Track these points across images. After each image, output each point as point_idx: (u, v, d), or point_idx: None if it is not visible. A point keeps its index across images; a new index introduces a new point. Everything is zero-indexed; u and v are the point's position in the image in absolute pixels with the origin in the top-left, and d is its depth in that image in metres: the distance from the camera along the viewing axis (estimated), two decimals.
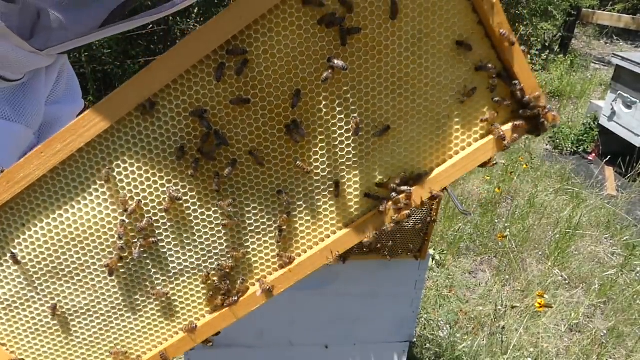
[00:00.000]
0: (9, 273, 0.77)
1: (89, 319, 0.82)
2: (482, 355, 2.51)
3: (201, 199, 0.76)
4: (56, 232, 0.75)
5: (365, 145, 0.76)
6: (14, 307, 0.79)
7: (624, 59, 4.39)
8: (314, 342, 1.47)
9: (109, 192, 0.74)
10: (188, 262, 0.81)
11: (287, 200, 0.77)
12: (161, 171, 0.74)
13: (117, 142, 0.72)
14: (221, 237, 0.80)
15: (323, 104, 0.73)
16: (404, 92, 0.74)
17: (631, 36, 9.57)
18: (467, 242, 3.42)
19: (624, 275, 3.19)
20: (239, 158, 0.75)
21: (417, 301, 1.43)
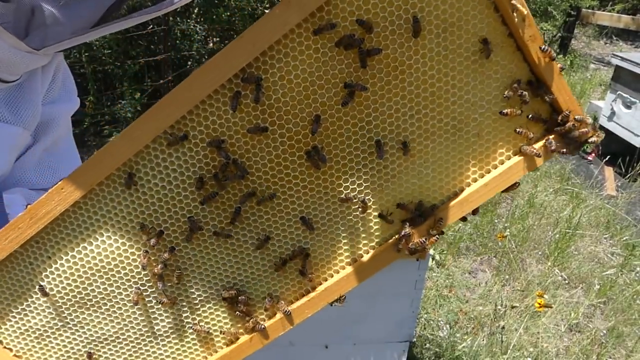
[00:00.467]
0: (39, 304, 0.78)
1: (118, 346, 0.83)
2: (482, 355, 2.51)
3: (223, 228, 0.75)
4: (81, 264, 0.76)
5: (390, 168, 0.73)
6: (45, 336, 0.81)
7: (623, 59, 4.39)
8: (314, 342, 1.47)
9: (131, 224, 0.74)
10: (213, 289, 0.80)
11: (310, 226, 0.76)
12: (181, 202, 0.73)
13: (136, 175, 0.72)
14: (245, 264, 0.79)
15: (344, 127, 0.70)
16: (430, 112, 0.71)
17: (631, 36, 9.58)
18: (467, 242, 3.42)
19: (624, 275, 3.20)
20: (260, 187, 0.73)
21: (417, 301, 1.43)
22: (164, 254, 0.75)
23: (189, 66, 4.65)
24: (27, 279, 0.77)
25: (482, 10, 0.66)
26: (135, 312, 0.81)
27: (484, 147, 0.73)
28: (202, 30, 4.56)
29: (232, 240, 0.77)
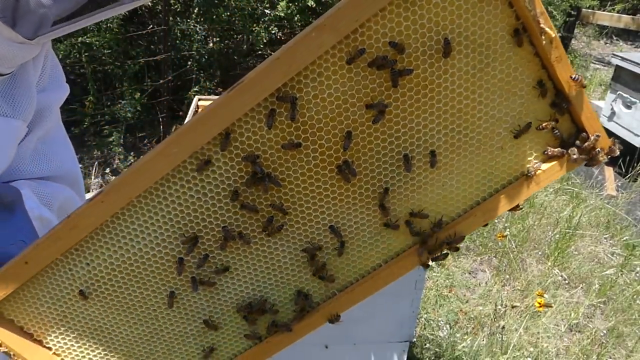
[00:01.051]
0: (77, 307, 0.83)
1: (153, 344, 0.88)
2: (482, 355, 2.51)
3: (255, 236, 0.79)
4: (119, 270, 0.80)
5: (416, 180, 0.77)
6: (83, 336, 0.85)
7: (623, 59, 4.40)
8: (314, 342, 1.47)
9: (167, 233, 0.77)
10: (244, 293, 0.85)
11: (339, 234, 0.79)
12: (216, 212, 0.76)
13: (172, 187, 0.74)
14: (275, 269, 0.83)
15: (374, 143, 0.73)
16: (457, 127, 0.74)
17: (631, 36, 9.58)
18: (467, 242, 3.42)
19: (624, 275, 3.20)
20: (292, 198, 0.77)
21: (417, 301, 1.43)
22: (198, 261, 0.79)
23: (189, 66, 4.65)
24: (67, 284, 0.81)
25: (510, 30, 0.69)
26: (169, 314, 0.85)
27: (506, 160, 0.77)
28: (202, 30, 4.56)
29: (264, 247, 0.81)
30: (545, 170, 0.78)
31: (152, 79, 4.54)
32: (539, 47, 0.70)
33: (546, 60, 0.70)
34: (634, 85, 4.34)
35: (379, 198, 0.78)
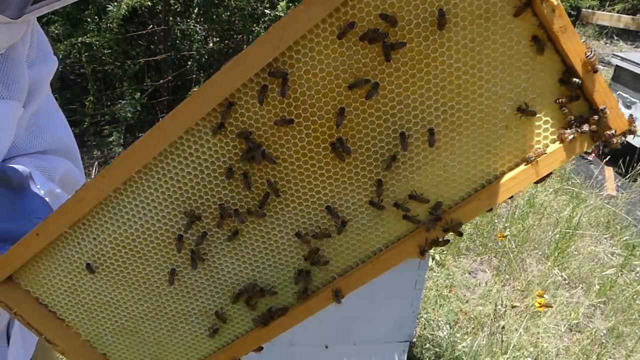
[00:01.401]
0: (86, 281, 0.85)
1: (157, 322, 0.89)
2: (482, 355, 2.51)
3: (251, 215, 0.78)
4: (122, 245, 0.81)
5: (415, 160, 0.73)
6: (93, 310, 0.88)
7: (623, 59, 4.40)
8: (314, 342, 1.47)
9: (167, 210, 0.78)
10: (243, 274, 0.84)
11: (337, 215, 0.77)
12: (212, 190, 0.76)
13: (170, 164, 0.75)
14: (273, 250, 0.82)
15: (369, 120, 0.71)
16: (457, 104, 0.70)
17: (631, 36, 9.58)
18: (467, 242, 3.42)
19: (624, 275, 3.20)
20: (286, 176, 0.75)
21: (417, 301, 1.43)
22: (197, 238, 0.80)
23: (189, 66, 4.65)
24: (76, 257, 0.83)
25: (511, 1, 0.65)
26: (171, 291, 0.86)
27: (512, 140, 0.72)
28: (202, 30, 4.56)
29: (260, 227, 0.80)
30: (551, 154, 0.72)
31: (152, 79, 4.54)
32: (542, 17, 0.65)
33: (550, 31, 0.66)
34: (634, 85, 4.34)
35: (375, 176, 0.75)
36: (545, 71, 0.69)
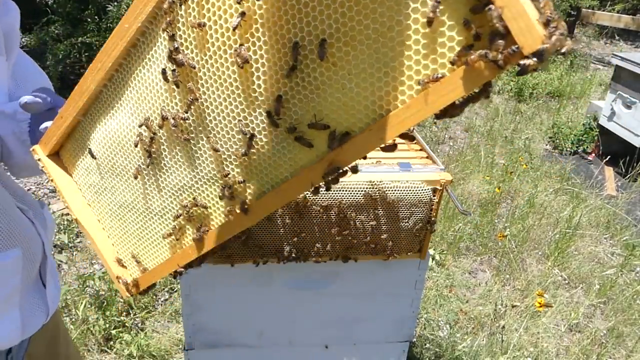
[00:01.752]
0: (92, 165, 0.95)
1: (134, 215, 0.96)
2: (482, 355, 2.51)
3: (180, 119, 0.80)
4: (110, 136, 0.89)
5: (312, 77, 0.66)
6: (98, 193, 0.98)
7: (623, 59, 4.40)
8: (314, 342, 1.47)
9: (132, 109, 0.84)
10: (184, 181, 0.86)
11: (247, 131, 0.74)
12: (157, 92, 0.81)
13: (130, 64, 0.82)
14: (198, 165, 0.83)
15: (268, 30, 0.66)
16: (349, 12, 0.61)
17: (631, 36, 9.58)
18: (467, 242, 3.42)
19: (624, 275, 3.20)
20: (205, 83, 0.75)
21: (417, 301, 1.43)
22: (148, 139, 0.85)
23: None
24: (85, 143, 0.94)
25: None
26: (139, 186, 0.92)
27: (411, 60, 0.60)
28: None
29: (191, 134, 0.81)
30: (448, 80, 0.57)
31: None
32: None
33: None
34: (634, 85, 4.34)
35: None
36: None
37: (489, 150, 4.72)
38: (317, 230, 1.18)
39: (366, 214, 1.17)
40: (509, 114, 5.71)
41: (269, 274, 1.31)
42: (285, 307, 1.38)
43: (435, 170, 1.23)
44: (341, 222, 1.17)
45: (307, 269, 1.28)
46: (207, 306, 1.34)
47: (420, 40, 0.59)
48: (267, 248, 1.20)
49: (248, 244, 1.19)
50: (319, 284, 1.35)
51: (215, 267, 1.27)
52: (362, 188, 1.14)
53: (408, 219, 1.20)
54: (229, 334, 1.40)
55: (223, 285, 1.32)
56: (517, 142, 4.96)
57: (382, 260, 1.29)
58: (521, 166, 4.42)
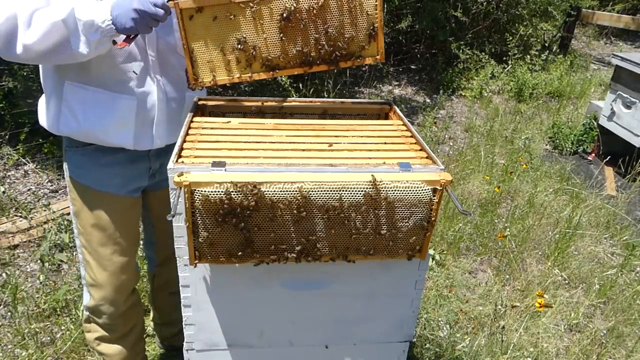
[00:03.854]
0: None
1: None
2: (482, 355, 2.51)
3: None
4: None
5: None
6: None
7: (623, 59, 4.39)
8: (314, 342, 1.47)
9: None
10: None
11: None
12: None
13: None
14: None
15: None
16: None
17: (631, 36, 9.57)
18: (467, 242, 3.42)
19: (624, 275, 3.20)
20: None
21: (417, 301, 1.43)
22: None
23: None
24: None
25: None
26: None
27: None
28: None
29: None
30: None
31: None
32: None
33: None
34: (634, 85, 4.34)
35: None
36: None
37: (489, 150, 4.72)
38: (317, 231, 1.18)
39: (366, 214, 1.17)
40: (509, 114, 5.71)
41: (269, 274, 1.31)
42: (285, 307, 1.38)
43: (435, 170, 1.23)
44: (341, 222, 1.17)
45: (307, 269, 1.28)
46: (207, 306, 1.34)
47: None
48: (267, 248, 1.20)
49: (248, 245, 1.19)
50: (319, 284, 1.35)
51: (216, 267, 1.27)
52: (362, 188, 1.14)
53: (408, 219, 1.20)
54: (229, 334, 1.40)
55: (223, 285, 1.32)
56: (517, 142, 4.96)
57: (382, 261, 1.29)
58: (521, 166, 4.42)
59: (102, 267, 1.71)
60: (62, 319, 2.52)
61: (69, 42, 1.28)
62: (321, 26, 1.47)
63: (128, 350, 1.93)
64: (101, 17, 1.27)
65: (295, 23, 1.45)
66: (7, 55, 1.30)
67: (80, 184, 1.64)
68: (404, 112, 5.32)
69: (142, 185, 1.73)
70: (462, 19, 6.14)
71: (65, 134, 1.56)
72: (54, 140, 3.93)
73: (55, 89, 1.52)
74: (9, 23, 1.24)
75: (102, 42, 1.31)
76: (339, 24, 1.48)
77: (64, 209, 3.37)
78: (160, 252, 2.03)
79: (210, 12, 1.42)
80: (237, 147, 1.30)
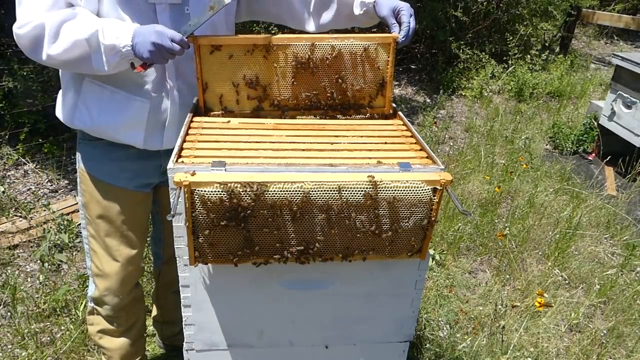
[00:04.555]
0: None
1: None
2: (482, 355, 2.51)
3: None
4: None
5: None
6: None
7: (624, 59, 4.39)
8: (314, 342, 1.47)
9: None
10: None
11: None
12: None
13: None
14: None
15: None
16: None
17: (631, 36, 9.57)
18: (467, 242, 3.42)
19: (624, 275, 3.19)
20: None
21: (417, 301, 1.43)
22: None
23: None
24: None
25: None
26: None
27: None
28: None
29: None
30: None
31: None
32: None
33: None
34: (634, 85, 4.34)
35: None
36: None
37: (489, 150, 4.72)
38: (317, 231, 1.18)
39: (366, 214, 1.17)
40: (509, 114, 5.71)
41: (269, 274, 1.31)
42: (285, 307, 1.38)
43: (435, 170, 1.23)
44: (341, 222, 1.17)
45: (307, 269, 1.28)
46: (207, 306, 1.34)
47: None
48: (268, 248, 1.20)
49: (248, 245, 1.19)
50: (319, 284, 1.35)
51: (216, 267, 1.27)
52: (362, 188, 1.13)
53: (408, 219, 1.19)
54: (229, 334, 1.40)
55: (223, 286, 1.32)
56: (517, 142, 4.96)
57: (382, 261, 1.29)
58: (521, 166, 4.42)
59: (109, 257, 1.75)
60: (61, 319, 2.52)
61: (90, 59, 1.35)
62: (332, 75, 1.52)
63: (129, 346, 1.95)
64: (122, 42, 1.33)
65: (308, 70, 1.50)
66: (33, 57, 1.40)
67: (91, 175, 1.68)
68: (404, 112, 5.32)
69: (152, 182, 1.75)
70: (462, 18, 6.14)
71: (79, 127, 1.61)
72: (54, 140, 3.93)
73: (75, 84, 1.56)
74: (36, 31, 1.33)
75: (120, 64, 1.37)
76: (350, 75, 1.53)
77: (63, 209, 3.37)
78: (166, 250, 2.05)
79: (227, 51, 1.47)
80: (237, 147, 1.30)
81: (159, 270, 2.15)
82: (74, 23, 1.34)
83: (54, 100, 1.71)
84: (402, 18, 1.48)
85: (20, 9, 1.36)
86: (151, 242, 2.15)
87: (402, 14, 1.48)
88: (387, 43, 1.51)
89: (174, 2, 1.45)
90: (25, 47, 1.37)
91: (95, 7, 1.40)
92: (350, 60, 1.51)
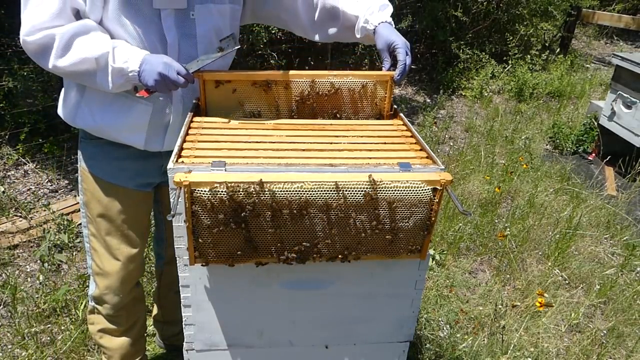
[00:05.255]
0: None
1: None
2: (482, 355, 2.51)
3: None
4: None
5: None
6: None
7: (624, 59, 4.39)
8: (314, 342, 1.47)
9: None
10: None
11: None
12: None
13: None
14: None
15: None
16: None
17: (631, 36, 9.57)
18: (467, 242, 3.42)
19: (624, 275, 3.19)
20: None
21: (417, 301, 1.43)
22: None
23: None
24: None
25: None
26: None
27: None
28: None
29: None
30: None
31: None
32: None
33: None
34: (634, 85, 4.34)
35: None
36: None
37: (489, 150, 4.72)
38: (317, 231, 1.18)
39: (366, 214, 1.17)
40: (509, 114, 5.71)
41: (269, 274, 1.31)
42: (285, 307, 1.38)
43: (435, 170, 1.23)
44: (341, 222, 1.17)
45: (307, 269, 1.28)
46: (207, 306, 1.34)
47: None
48: (268, 249, 1.20)
49: (248, 245, 1.19)
50: (319, 284, 1.35)
51: (215, 267, 1.27)
52: (362, 188, 1.13)
53: (408, 219, 1.19)
54: (229, 334, 1.40)
55: (223, 285, 1.32)
56: (517, 142, 4.96)
57: (382, 261, 1.29)
58: (521, 166, 4.42)
59: (109, 256, 1.76)
60: (61, 319, 2.52)
61: (95, 75, 1.38)
62: (330, 110, 1.58)
63: (129, 345, 1.95)
64: (131, 66, 1.36)
65: (308, 104, 1.56)
66: (37, 62, 1.41)
67: (92, 174, 1.69)
68: (404, 112, 5.32)
69: (153, 181, 1.75)
70: (462, 18, 6.14)
71: (81, 127, 1.62)
72: (54, 140, 3.93)
73: (77, 84, 1.56)
74: (46, 40, 1.34)
75: (124, 85, 1.41)
76: (348, 109, 1.59)
77: (63, 209, 3.37)
78: (168, 250, 2.05)
79: (231, 85, 1.51)
80: (237, 147, 1.30)
81: (161, 271, 2.15)
82: (86, 39, 1.35)
83: (54, 100, 1.72)
84: (398, 56, 1.48)
85: (26, 13, 1.34)
86: (153, 242, 2.15)
87: (399, 52, 1.48)
88: (385, 81, 1.55)
89: (179, 8, 1.45)
90: (31, 53, 1.38)
91: (99, 13, 1.40)
92: (349, 95, 1.57)
